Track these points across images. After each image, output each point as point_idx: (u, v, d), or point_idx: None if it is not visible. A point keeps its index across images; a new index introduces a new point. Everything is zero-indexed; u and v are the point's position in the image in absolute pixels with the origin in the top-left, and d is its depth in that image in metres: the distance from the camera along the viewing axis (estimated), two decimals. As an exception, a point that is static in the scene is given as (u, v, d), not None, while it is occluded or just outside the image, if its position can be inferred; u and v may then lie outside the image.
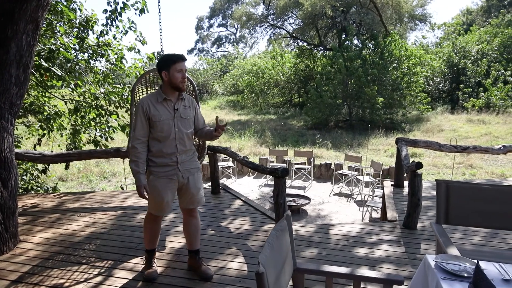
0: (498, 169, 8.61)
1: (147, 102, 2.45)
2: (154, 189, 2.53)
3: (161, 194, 2.54)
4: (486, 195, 2.23)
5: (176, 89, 2.45)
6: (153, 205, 2.62)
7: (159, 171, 2.53)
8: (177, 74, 2.39)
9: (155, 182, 2.53)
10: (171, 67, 2.39)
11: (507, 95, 15.82)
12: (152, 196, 2.56)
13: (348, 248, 3.30)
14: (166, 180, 2.54)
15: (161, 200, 2.55)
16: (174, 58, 2.40)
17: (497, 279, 1.53)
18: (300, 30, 19.88)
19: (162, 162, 2.52)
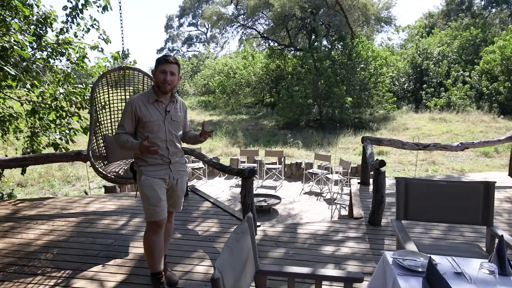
0: (458, 164, 9.05)
1: (138, 101, 2.39)
2: (149, 188, 2.37)
3: (158, 194, 2.39)
4: (442, 191, 2.31)
5: (159, 89, 2.40)
6: (151, 208, 2.38)
7: (151, 170, 2.41)
8: (160, 75, 2.36)
9: (149, 181, 2.39)
10: (157, 67, 2.39)
11: (465, 95, 16.70)
12: (147, 199, 2.37)
13: (315, 246, 3.33)
14: (158, 180, 2.42)
15: (158, 199, 2.39)
16: (160, 59, 2.39)
17: (449, 273, 1.58)
18: (271, 31, 20.00)
19: (153, 161, 2.41)
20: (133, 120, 2.39)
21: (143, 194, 2.39)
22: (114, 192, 5.79)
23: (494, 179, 5.44)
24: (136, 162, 2.46)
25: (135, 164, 2.47)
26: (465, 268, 1.61)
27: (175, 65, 2.39)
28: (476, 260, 1.67)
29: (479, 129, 12.80)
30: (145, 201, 2.39)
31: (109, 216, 4.11)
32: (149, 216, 2.40)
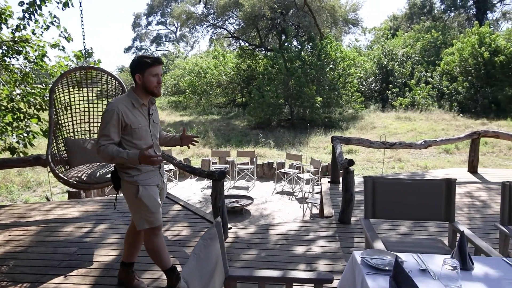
0: (422, 161, 9.44)
1: (123, 108, 2.20)
2: (150, 198, 2.30)
3: (157, 201, 2.35)
4: (407, 189, 2.38)
5: (150, 94, 2.27)
6: (151, 217, 2.32)
7: (146, 178, 2.30)
8: (152, 79, 2.21)
9: (148, 190, 2.29)
10: (145, 70, 2.20)
11: (428, 95, 17.49)
12: (147, 208, 2.29)
13: (287, 247, 3.33)
14: (153, 187, 2.35)
15: (158, 207, 2.35)
16: (150, 61, 2.20)
17: (414, 270, 1.62)
18: (241, 31, 19.97)
19: (147, 168, 2.30)
20: (119, 128, 2.21)
21: (141, 204, 2.28)
22: (79, 197, 5.53)
23: (455, 175, 5.71)
24: (126, 172, 2.27)
25: (124, 175, 2.27)
26: (430, 264, 1.65)
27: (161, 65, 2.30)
28: (439, 256, 1.73)
29: (441, 127, 13.44)
30: (144, 210, 2.30)
31: (72, 223, 3.90)
32: (149, 223, 2.34)
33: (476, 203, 4.42)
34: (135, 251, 2.61)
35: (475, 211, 4.15)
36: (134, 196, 2.26)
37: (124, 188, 2.31)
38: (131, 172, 2.26)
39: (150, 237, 2.39)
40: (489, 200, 4.51)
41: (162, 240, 2.45)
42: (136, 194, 2.25)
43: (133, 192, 2.26)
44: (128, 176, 2.26)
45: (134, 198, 2.26)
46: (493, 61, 16.73)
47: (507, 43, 17.10)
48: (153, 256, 2.45)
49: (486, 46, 17.08)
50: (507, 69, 16.87)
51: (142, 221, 2.33)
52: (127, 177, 2.26)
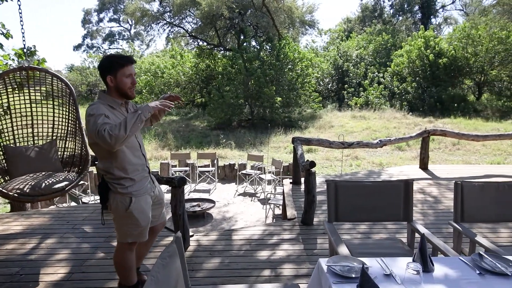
0: (377, 159, 9.87)
1: (104, 110, 2.02)
2: (141, 211, 2.16)
3: (148, 215, 2.21)
4: (368, 191, 2.41)
5: (124, 96, 2.12)
6: (138, 231, 2.19)
7: (140, 188, 2.16)
8: (126, 80, 2.06)
9: (140, 203, 2.15)
10: (118, 71, 2.04)
11: (380, 94, 18.37)
12: (137, 222, 2.15)
13: (251, 252, 3.27)
14: (146, 197, 2.21)
15: (148, 221, 2.23)
16: (121, 61, 2.05)
17: (379, 275, 1.62)
18: (199, 30, 19.62)
19: (139, 176, 2.16)
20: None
21: (131, 217, 2.14)
22: (23, 209, 5.05)
23: (408, 172, 6.01)
24: (119, 183, 2.10)
25: (117, 187, 2.10)
26: (393, 268, 1.66)
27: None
28: (402, 259, 1.75)
29: (393, 125, 14.15)
30: (133, 224, 2.17)
31: (15, 239, 3.54)
32: (134, 237, 2.21)
33: (429, 199, 4.66)
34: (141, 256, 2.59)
35: (428, 207, 4.38)
36: (124, 209, 2.12)
37: (114, 200, 2.14)
38: (124, 183, 2.11)
39: (126, 252, 2.27)
40: (440, 196, 4.78)
41: (134, 256, 2.34)
42: (127, 207, 2.11)
43: (124, 205, 2.12)
44: (122, 187, 2.11)
45: (124, 212, 2.13)
46: (437, 63, 17.97)
47: (449, 46, 18.45)
48: (121, 269, 2.32)
49: (431, 49, 18.29)
50: (449, 71, 18.21)
51: (126, 235, 2.20)
52: (121, 189, 2.11)
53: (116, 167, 2.09)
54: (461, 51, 18.00)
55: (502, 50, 17.20)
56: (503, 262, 1.68)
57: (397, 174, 5.90)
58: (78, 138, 3.62)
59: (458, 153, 10.25)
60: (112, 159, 2.07)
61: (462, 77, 19.07)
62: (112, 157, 2.07)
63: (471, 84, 19.92)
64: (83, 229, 3.81)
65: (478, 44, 17.71)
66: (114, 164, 2.08)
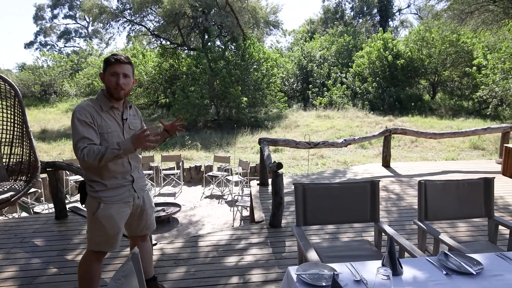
0: (341, 157, 10.08)
1: (91, 110, 2.00)
2: (109, 219, 2.07)
3: (117, 224, 2.11)
4: (335, 193, 2.39)
5: (110, 95, 2.07)
6: (104, 239, 2.10)
7: (112, 195, 2.08)
8: (111, 78, 2.02)
9: (109, 210, 2.07)
10: (106, 69, 2.04)
11: (343, 94, 18.88)
12: (103, 229, 2.07)
13: (218, 259, 3.15)
14: (120, 205, 2.11)
15: (116, 231, 2.11)
16: (107, 59, 2.04)
17: (350, 282, 1.58)
18: (162, 28, 19.05)
19: (114, 183, 2.08)
20: (96, 129, 1.99)
21: (98, 223, 2.07)
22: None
23: (372, 170, 6.16)
24: (90, 186, 2.07)
25: (88, 188, 2.08)
26: (363, 273, 1.63)
27: (128, 66, 2.05)
28: (371, 263, 1.72)
29: (356, 124, 14.58)
30: (99, 231, 2.08)
31: None
32: (99, 246, 2.13)
33: (392, 196, 4.78)
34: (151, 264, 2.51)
35: (391, 204, 4.49)
36: (92, 213, 2.07)
37: (87, 202, 2.11)
38: (95, 187, 2.06)
39: (93, 260, 2.17)
40: (402, 193, 4.92)
41: (100, 268, 2.23)
42: (94, 212, 2.05)
43: (91, 209, 2.07)
44: (91, 190, 2.07)
45: (92, 216, 2.07)
46: (395, 64, 18.78)
47: (406, 48, 19.35)
48: (83, 281, 2.19)
49: (389, 50, 19.09)
50: (406, 71, 19.10)
51: (91, 241, 2.14)
52: (91, 191, 2.07)
53: (99, 171, 2.05)
54: (416, 53, 18.94)
55: (453, 52, 18.32)
56: (468, 261, 1.70)
57: (361, 173, 6.02)
58: (26, 143, 3.31)
59: (416, 150, 10.73)
60: None
61: (418, 78, 20.09)
62: None
63: (426, 84, 21.03)
64: (34, 243, 3.49)
65: (432, 46, 18.73)
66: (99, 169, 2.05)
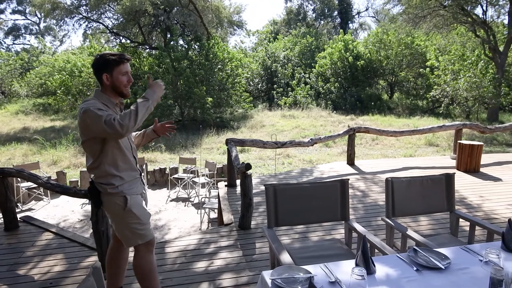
0: (307, 156, 10.24)
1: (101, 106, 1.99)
2: (140, 207, 2.12)
3: (146, 211, 2.18)
4: (306, 193, 2.37)
5: (119, 94, 2.10)
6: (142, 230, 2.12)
7: (131, 187, 2.11)
8: (122, 78, 2.04)
9: (136, 200, 2.11)
10: (114, 68, 2.02)
11: (307, 94, 19.25)
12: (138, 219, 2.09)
13: (186, 265, 3.03)
14: (138, 197, 2.16)
15: (148, 218, 2.18)
16: (117, 58, 2.02)
17: (325, 283, 1.56)
18: (121, 26, 18.30)
19: (130, 175, 2.12)
20: None
21: (131, 216, 2.07)
22: None
23: (337, 168, 6.29)
24: (109, 184, 2.03)
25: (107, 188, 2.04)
26: (338, 274, 1.61)
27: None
28: (345, 263, 1.71)
29: (320, 123, 14.89)
30: (135, 223, 2.09)
31: None
32: (142, 237, 2.13)
33: (358, 194, 4.90)
34: (122, 273, 2.41)
35: (358, 201, 4.59)
36: (122, 209, 2.05)
37: (108, 203, 2.08)
38: (114, 183, 2.05)
39: (145, 255, 2.17)
40: (367, 190, 5.06)
41: (155, 259, 2.26)
42: (124, 206, 2.05)
43: (120, 205, 2.06)
44: (112, 187, 2.05)
45: (122, 211, 2.06)
46: (356, 65, 19.45)
47: (365, 49, 20.11)
48: (144, 278, 2.19)
49: (350, 51, 19.73)
50: (366, 72, 19.85)
51: (133, 237, 2.12)
52: (111, 189, 2.05)
53: (107, 163, 2.04)
54: (375, 54, 19.75)
55: (408, 54, 19.31)
56: (436, 256, 1.75)
57: (328, 171, 6.13)
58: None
59: (377, 148, 11.15)
60: (104, 155, 2.04)
61: (377, 78, 20.97)
62: (104, 154, 2.04)
63: (384, 84, 22.01)
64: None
65: (389, 48, 19.61)
66: (105, 160, 2.04)
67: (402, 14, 18.15)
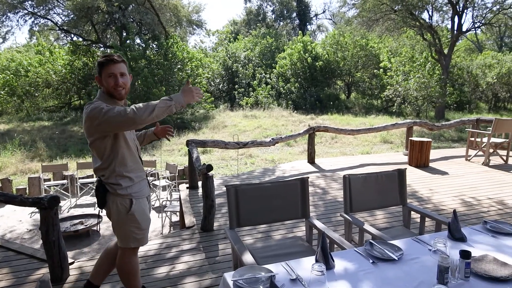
0: (269, 155, 10.34)
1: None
2: (143, 213, 2.14)
3: (148, 217, 2.21)
4: (267, 193, 2.39)
5: (111, 96, 2.07)
6: (138, 234, 2.15)
7: (139, 190, 2.14)
8: (109, 80, 2.03)
9: (140, 205, 2.13)
10: (102, 70, 2.04)
11: (268, 94, 19.46)
12: (139, 225, 2.12)
13: (147, 271, 2.93)
14: (144, 199, 2.19)
15: (148, 224, 2.21)
16: (104, 60, 2.03)
17: (286, 281, 1.57)
18: (72, 23, 17.34)
19: (138, 176, 2.15)
20: None
21: (132, 220, 2.10)
22: None
23: (298, 167, 6.42)
24: (117, 184, 2.04)
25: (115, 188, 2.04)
26: (299, 271, 1.64)
27: (122, 64, 2.06)
28: (306, 260, 1.74)
29: (281, 122, 15.11)
30: (134, 227, 2.12)
31: None
32: (136, 241, 2.17)
33: (318, 191, 5.03)
34: (106, 274, 2.44)
35: (318, 199, 4.71)
36: (125, 211, 2.08)
37: (113, 203, 2.08)
38: (123, 183, 2.06)
39: (131, 257, 2.21)
40: (327, 187, 5.21)
41: (138, 260, 2.29)
42: (128, 210, 2.07)
43: (125, 207, 2.08)
44: (120, 188, 2.06)
45: (125, 214, 2.08)
46: (315, 66, 19.98)
47: (323, 51, 20.72)
48: (126, 277, 2.24)
49: (309, 53, 20.23)
50: (324, 73, 20.47)
51: (129, 239, 2.14)
52: (120, 190, 2.06)
53: (117, 163, 2.05)
54: (333, 56, 20.43)
55: (363, 55, 20.19)
56: (390, 248, 1.83)
57: (289, 170, 6.23)
58: None
59: (336, 146, 11.54)
60: (114, 155, 2.04)
61: (335, 79, 21.69)
62: (113, 154, 2.04)
63: (342, 84, 22.83)
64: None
65: (345, 49, 20.38)
66: (115, 161, 2.05)
67: (356, 17, 18.94)
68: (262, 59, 22.80)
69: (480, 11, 16.75)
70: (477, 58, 20.99)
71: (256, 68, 21.48)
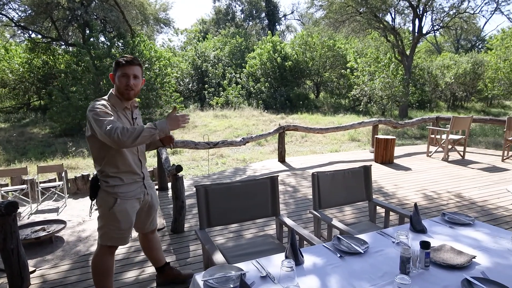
0: (240, 155, 10.34)
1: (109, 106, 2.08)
2: (124, 214, 2.16)
3: (131, 219, 2.21)
4: (238, 192, 2.39)
5: (121, 95, 2.16)
6: (117, 234, 2.17)
7: (128, 191, 2.17)
8: (122, 79, 2.12)
9: (124, 205, 2.15)
10: (117, 70, 2.14)
11: (239, 94, 19.44)
12: (118, 224, 2.14)
13: (115, 276, 2.84)
14: (133, 201, 2.21)
15: (129, 225, 2.22)
16: (118, 61, 2.12)
17: (256, 279, 1.59)
18: (30, 20, 16.42)
19: (130, 179, 2.18)
20: None
21: (113, 218, 2.13)
22: None
23: (269, 166, 6.47)
24: (106, 181, 2.11)
25: (104, 184, 2.12)
26: (269, 268, 1.65)
27: (138, 67, 2.15)
28: (276, 257, 1.76)
29: (252, 122, 15.16)
30: (114, 226, 2.15)
31: None
32: (114, 240, 2.20)
33: (289, 189, 5.09)
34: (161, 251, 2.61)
35: (289, 197, 4.77)
36: (108, 208, 2.12)
37: (101, 198, 2.15)
38: (112, 182, 2.12)
39: (106, 255, 2.23)
40: (297, 185, 5.29)
41: (113, 261, 2.30)
42: (111, 207, 2.11)
43: (108, 204, 2.12)
44: (107, 186, 2.12)
45: (107, 211, 2.13)
46: (284, 66, 20.21)
47: (292, 51, 21.01)
48: (98, 276, 2.24)
49: (278, 53, 20.43)
50: (294, 73, 20.75)
51: (107, 236, 2.19)
52: (107, 187, 2.12)
53: (107, 162, 2.10)
54: (301, 56, 20.75)
55: (331, 56, 20.68)
56: (357, 242, 1.89)
57: (260, 169, 6.26)
58: None
59: (306, 145, 11.74)
60: (106, 155, 2.09)
61: (304, 78, 22.05)
62: (106, 153, 2.09)
63: (311, 84, 23.24)
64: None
65: (313, 50, 20.77)
66: (107, 160, 2.10)
67: (324, 18, 19.35)
68: (232, 59, 22.75)
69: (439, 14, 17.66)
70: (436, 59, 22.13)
71: (226, 68, 21.40)
